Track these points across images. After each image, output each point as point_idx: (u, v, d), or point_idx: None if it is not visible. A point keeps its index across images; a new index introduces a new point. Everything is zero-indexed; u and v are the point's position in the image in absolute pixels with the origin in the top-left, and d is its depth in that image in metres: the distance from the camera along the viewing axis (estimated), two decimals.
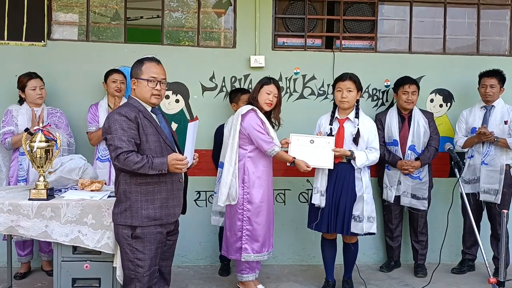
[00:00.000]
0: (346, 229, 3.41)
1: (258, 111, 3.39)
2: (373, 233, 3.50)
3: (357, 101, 3.50)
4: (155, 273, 2.58)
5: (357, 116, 3.46)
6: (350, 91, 3.42)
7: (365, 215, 3.40)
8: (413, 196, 3.97)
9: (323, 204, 3.43)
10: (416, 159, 3.93)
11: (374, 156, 3.43)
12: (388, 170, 4.05)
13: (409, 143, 3.95)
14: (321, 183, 3.45)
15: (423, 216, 4.05)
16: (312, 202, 3.49)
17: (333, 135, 3.45)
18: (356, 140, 3.40)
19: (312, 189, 3.64)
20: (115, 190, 2.58)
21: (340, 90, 3.45)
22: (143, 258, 2.49)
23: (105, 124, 2.48)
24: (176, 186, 2.58)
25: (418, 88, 4.02)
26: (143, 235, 2.48)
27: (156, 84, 2.55)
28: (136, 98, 2.56)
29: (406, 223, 4.23)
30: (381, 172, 4.11)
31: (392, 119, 4.02)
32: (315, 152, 3.35)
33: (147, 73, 2.54)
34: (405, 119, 4.01)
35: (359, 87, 3.48)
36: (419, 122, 3.96)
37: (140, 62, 2.58)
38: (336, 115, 3.53)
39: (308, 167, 3.34)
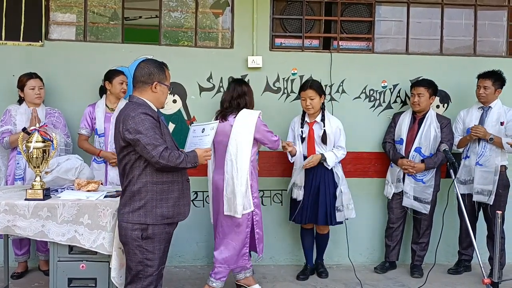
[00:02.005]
0: (330, 220, 3.79)
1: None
2: (353, 217, 3.90)
3: (323, 104, 3.84)
4: (162, 271, 2.63)
5: (323, 118, 3.81)
6: (312, 98, 3.74)
7: (344, 204, 3.81)
8: (416, 199, 3.97)
9: (300, 197, 3.76)
10: (422, 161, 3.93)
11: (341, 154, 3.83)
12: (391, 167, 4.12)
13: (415, 145, 3.96)
14: (300, 179, 3.80)
15: (426, 218, 4.04)
16: (293, 197, 3.84)
17: (304, 138, 3.82)
18: (323, 140, 3.77)
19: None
20: (123, 190, 2.56)
21: (304, 99, 3.78)
22: (152, 258, 2.52)
23: (130, 124, 2.41)
24: (185, 185, 2.64)
25: (432, 90, 3.98)
26: (153, 235, 2.51)
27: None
28: (145, 100, 2.55)
29: (409, 225, 4.23)
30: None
31: (404, 119, 4.08)
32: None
33: (168, 80, 2.65)
34: (416, 120, 4.03)
35: (320, 93, 3.79)
36: (430, 126, 3.96)
37: (161, 67, 2.60)
38: (306, 119, 3.88)
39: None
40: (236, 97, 3.46)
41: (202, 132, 2.90)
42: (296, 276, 4.00)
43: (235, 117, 3.39)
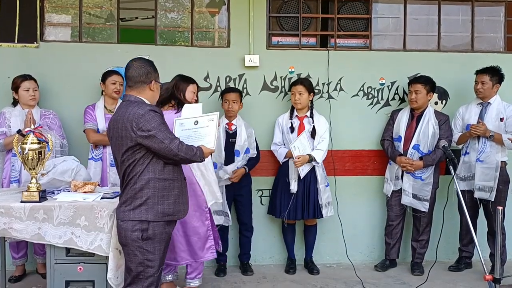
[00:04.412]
0: (316, 214, 3.91)
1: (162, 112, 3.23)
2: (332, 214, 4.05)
3: (311, 101, 3.99)
4: (162, 272, 2.64)
5: (312, 115, 3.97)
6: (301, 94, 3.91)
7: (325, 201, 3.95)
8: (414, 196, 3.95)
9: (295, 189, 3.85)
10: (420, 159, 3.92)
11: (324, 145, 3.94)
12: (390, 165, 4.10)
13: (413, 142, 3.94)
14: (295, 172, 3.86)
15: (426, 216, 4.02)
16: (291, 191, 3.87)
17: (294, 128, 3.93)
18: (313, 135, 3.92)
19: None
20: (123, 188, 2.54)
21: (293, 94, 3.95)
22: (153, 259, 2.52)
23: (141, 121, 2.41)
24: (183, 183, 2.66)
25: (430, 87, 3.95)
26: (154, 235, 2.50)
27: None
28: (143, 98, 2.55)
29: (409, 222, 4.20)
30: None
31: (402, 116, 4.06)
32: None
33: (159, 78, 2.67)
34: (414, 117, 4.01)
35: (310, 90, 3.96)
36: (428, 123, 3.94)
37: (154, 66, 2.63)
38: (296, 113, 4.01)
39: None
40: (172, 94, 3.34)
41: (195, 124, 2.83)
42: (286, 270, 4.06)
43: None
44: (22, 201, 2.73)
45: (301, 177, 3.86)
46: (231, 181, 3.84)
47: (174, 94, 3.30)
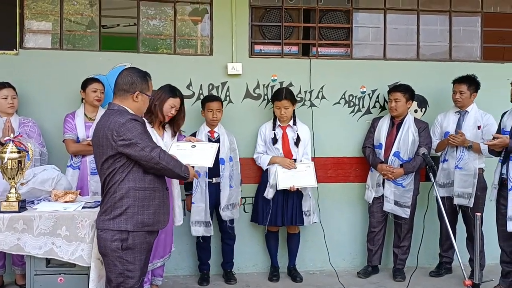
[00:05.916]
0: (295, 220, 3.92)
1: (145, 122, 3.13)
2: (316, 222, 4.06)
3: (293, 111, 4.01)
4: (143, 282, 2.59)
5: (294, 123, 3.99)
6: (287, 108, 3.93)
7: (311, 209, 3.97)
8: (396, 203, 4.00)
9: (270, 196, 3.86)
10: (401, 166, 3.97)
11: (309, 159, 4.01)
12: (371, 172, 4.15)
13: (394, 149, 4.00)
14: (273, 178, 3.88)
15: (407, 222, 4.07)
16: (265, 195, 3.90)
17: (277, 139, 3.96)
18: (297, 143, 3.96)
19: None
20: (103, 197, 2.51)
21: (279, 108, 3.95)
22: (133, 269, 2.48)
23: (122, 130, 2.38)
24: (165, 194, 2.62)
25: (409, 95, 4.02)
26: (134, 245, 2.47)
27: None
28: (126, 108, 2.51)
29: (390, 229, 4.25)
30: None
31: (383, 124, 4.11)
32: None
33: (150, 90, 2.62)
34: (394, 125, 4.07)
35: (294, 102, 3.98)
36: (408, 130, 4.00)
37: (145, 77, 2.57)
38: (278, 123, 4.02)
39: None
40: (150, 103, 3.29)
41: (193, 147, 2.96)
42: (269, 278, 4.07)
43: None
44: (0, 212, 2.67)
45: (278, 187, 3.84)
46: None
47: (151, 106, 3.19)
